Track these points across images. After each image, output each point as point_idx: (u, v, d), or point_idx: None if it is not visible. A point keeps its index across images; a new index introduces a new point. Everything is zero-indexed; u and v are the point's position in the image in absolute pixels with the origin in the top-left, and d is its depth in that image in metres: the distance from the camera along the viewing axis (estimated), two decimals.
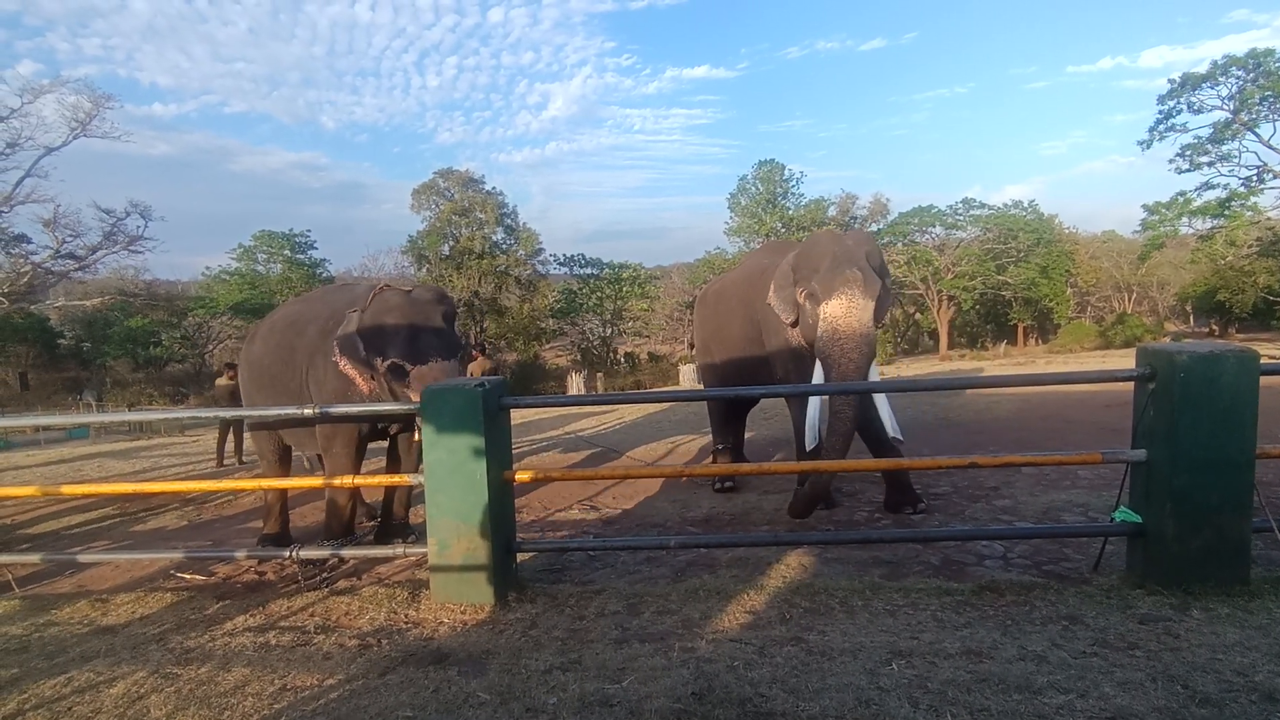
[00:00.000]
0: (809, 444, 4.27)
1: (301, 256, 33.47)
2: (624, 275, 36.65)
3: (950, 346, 33.68)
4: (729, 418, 6.08)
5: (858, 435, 4.81)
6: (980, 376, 5.01)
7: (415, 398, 3.80)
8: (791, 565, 3.59)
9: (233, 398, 8.68)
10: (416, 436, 4.39)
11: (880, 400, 4.38)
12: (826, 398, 4.31)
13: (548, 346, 38.33)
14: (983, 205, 33.43)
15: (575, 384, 25.06)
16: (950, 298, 32.86)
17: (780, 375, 4.91)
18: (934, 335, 36.20)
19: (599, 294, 36.50)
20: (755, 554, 3.77)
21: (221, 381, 9.42)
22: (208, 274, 33.39)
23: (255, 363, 4.75)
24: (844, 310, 4.24)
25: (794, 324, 4.68)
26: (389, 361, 3.99)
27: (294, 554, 3.48)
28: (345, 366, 4.11)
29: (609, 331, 37.52)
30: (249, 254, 33.04)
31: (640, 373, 33.04)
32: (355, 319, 4.13)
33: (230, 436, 9.25)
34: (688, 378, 24.59)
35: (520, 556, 3.66)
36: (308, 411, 3.39)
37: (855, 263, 4.37)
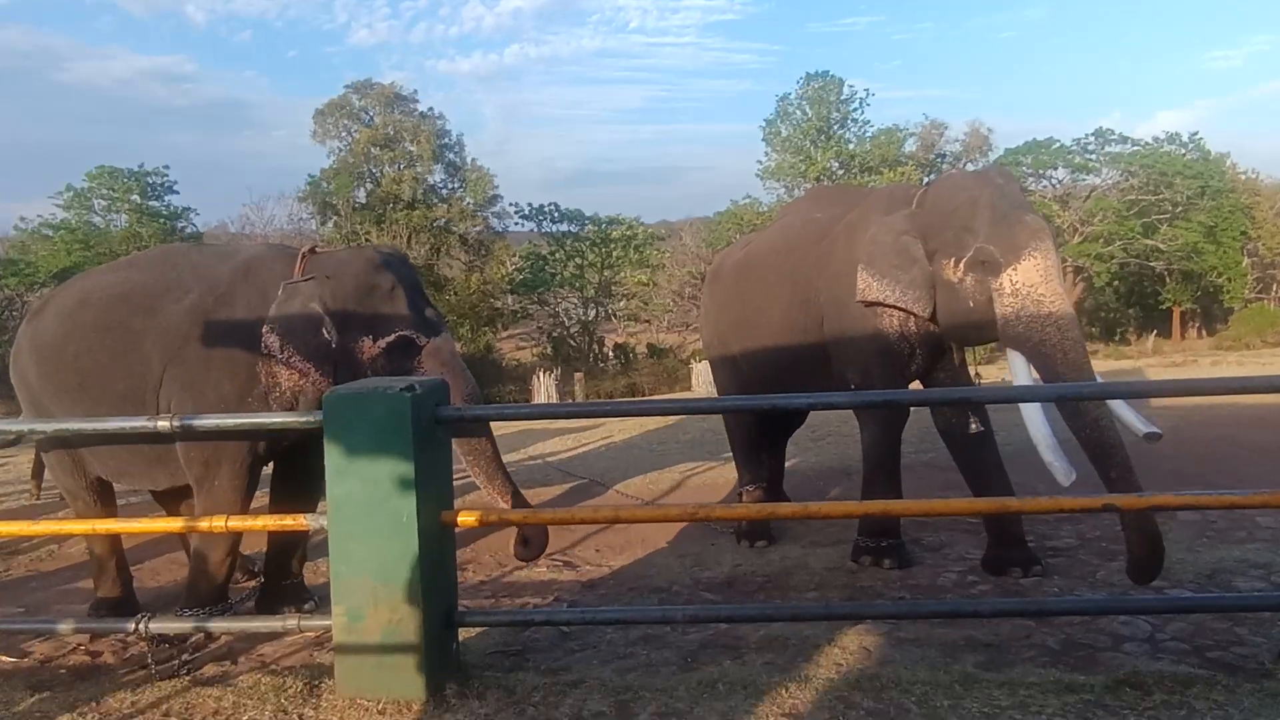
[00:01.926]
0: (1066, 475, 3.99)
1: (157, 204, 33.30)
2: (614, 235, 36.68)
3: None
4: (760, 444, 6.09)
5: (952, 462, 4.83)
6: (1118, 383, 5.02)
7: (431, 372, 4.09)
8: (849, 648, 3.59)
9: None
10: None
11: (1036, 414, 4.17)
12: (1045, 407, 4.16)
13: (505, 334, 38.36)
14: (1124, 139, 33.48)
15: (544, 388, 25.07)
16: (1078, 269, 32.91)
17: (857, 381, 4.90)
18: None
19: (578, 260, 36.52)
20: (798, 632, 3.76)
21: None
22: (23, 227, 33.24)
23: (50, 350, 4.52)
24: (1044, 272, 4.21)
25: (930, 316, 4.61)
26: (394, 336, 4.18)
27: (142, 627, 3.46)
28: (294, 360, 4.13)
29: (592, 314, 37.55)
30: (82, 199, 32.86)
31: (636, 372, 33.07)
32: (310, 290, 4.16)
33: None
34: (704, 380, 24.62)
35: (465, 632, 3.64)
36: (162, 424, 3.38)
37: (1028, 206, 4.41)
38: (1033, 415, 4.15)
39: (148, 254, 5.31)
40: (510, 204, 36.54)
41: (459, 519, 3.33)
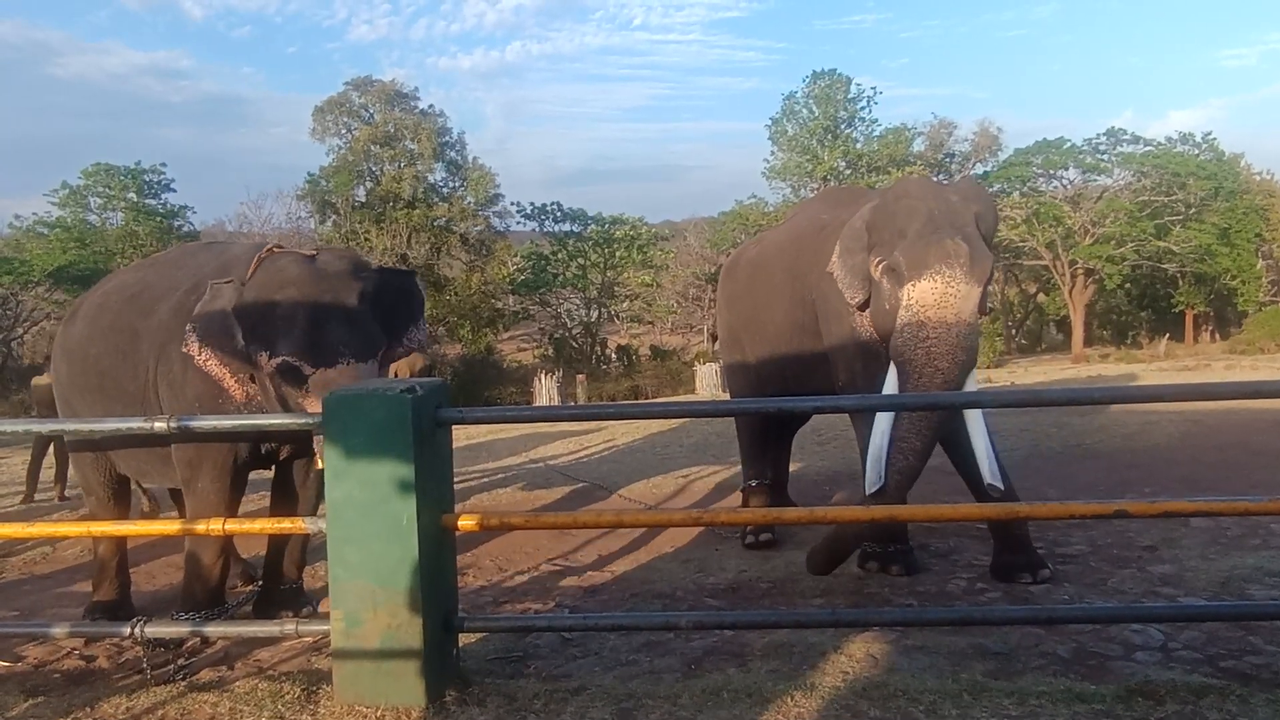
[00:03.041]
0: (871, 482, 4.29)
1: (153, 202, 33.42)
2: (618, 234, 36.73)
3: (1088, 342, 33.74)
4: (766, 441, 6.11)
5: (955, 472, 4.83)
6: (1130, 387, 5.01)
7: (315, 409, 3.78)
8: (856, 655, 3.57)
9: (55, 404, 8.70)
10: (320, 463, 4.39)
11: (976, 425, 4.38)
12: (901, 417, 4.31)
13: (506, 335, 38.41)
14: (1136, 139, 33.47)
15: (546, 390, 25.09)
16: (1088, 272, 32.92)
17: (844, 381, 4.93)
18: (1064, 325, 36.32)
19: (581, 261, 36.57)
20: (803, 639, 3.75)
21: (40, 381, 9.40)
22: (18, 225, 33.36)
23: (77, 352, 4.74)
24: (937, 296, 4.25)
25: (862, 306, 4.70)
26: (279, 359, 3.95)
27: (137, 631, 3.46)
28: (208, 361, 4.08)
29: (595, 315, 37.61)
30: (77, 197, 32.98)
31: (639, 375, 33.09)
32: (229, 292, 4.10)
33: (52, 459, 9.26)
34: (708, 382, 24.61)
35: (465, 638, 3.63)
36: (159, 425, 3.38)
37: (960, 228, 4.37)
38: (880, 423, 4.30)
39: (167, 253, 5.42)
40: (512, 203, 36.67)
41: (459, 523, 3.33)
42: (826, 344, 5.05)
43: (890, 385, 4.42)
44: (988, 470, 4.29)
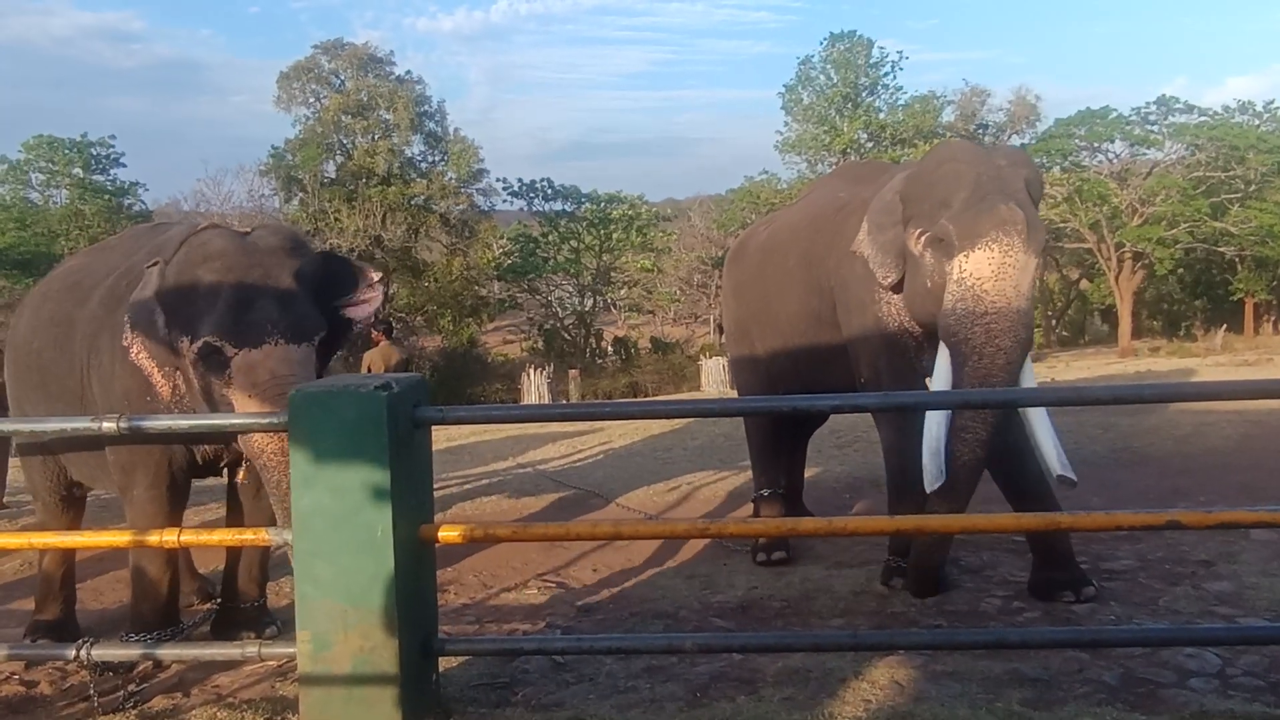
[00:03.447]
0: (933, 478, 4.23)
1: (101, 178, 33.49)
2: (614, 214, 36.73)
3: (1137, 334, 33.77)
4: (778, 444, 6.11)
5: (988, 476, 4.83)
6: (1184, 384, 5.01)
7: (239, 403, 3.77)
8: (879, 683, 3.57)
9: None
10: (242, 476, 4.39)
11: (1040, 418, 4.32)
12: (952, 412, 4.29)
13: (491, 326, 38.46)
14: (1190, 108, 33.46)
15: (535, 387, 25.10)
16: (1137, 255, 32.92)
17: (867, 376, 4.93)
18: (1110, 315, 36.35)
19: (574, 243, 36.59)
20: (821, 664, 3.75)
21: None
22: None
23: (22, 347, 4.78)
24: (994, 267, 4.21)
25: (896, 288, 4.69)
26: (199, 342, 3.85)
27: (83, 654, 3.45)
28: (138, 353, 4.05)
29: (589, 304, 37.63)
30: (17, 173, 33.06)
31: (639, 370, 33.19)
32: (155, 275, 4.04)
33: None
34: (714, 379, 24.63)
35: (446, 662, 3.64)
36: (108, 426, 3.38)
37: (1012, 194, 4.35)
38: (936, 414, 4.28)
39: (119, 236, 5.44)
40: (497, 179, 36.67)
41: (440, 534, 3.32)
42: (846, 335, 5.04)
43: (943, 371, 4.37)
44: (1057, 461, 4.21)
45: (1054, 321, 39.65)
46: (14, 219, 31.32)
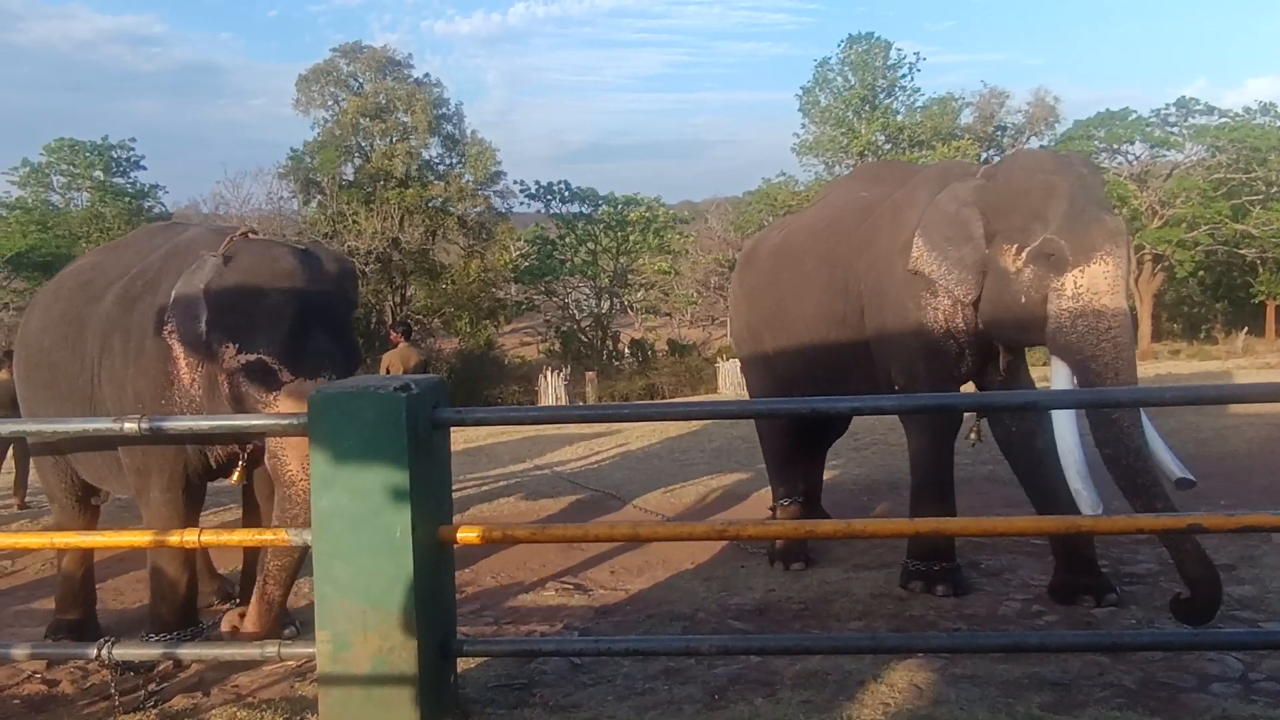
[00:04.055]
0: (1093, 506, 4.04)
1: (122, 180, 33.68)
2: (631, 216, 36.73)
3: (1157, 336, 33.52)
4: (795, 452, 6.08)
5: (1009, 481, 4.82)
6: (1204, 386, 4.98)
7: (280, 408, 3.79)
8: (898, 685, 3.57)
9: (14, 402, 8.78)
10: (236, 478, 4.38)
11: (1148, 425, 4.22)
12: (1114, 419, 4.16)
13: (509, 329, 38.48)
14: (1210, 110, 33.25)
15: (552, 388, 25.15)
16: (1157, 258, 32.74)
17: (903, 382, 4.90)
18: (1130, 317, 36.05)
19: (591, 245, 36.60)
20: (839, 667, 3.75)
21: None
22: None
23: (33, 345, 4.77)
24: (1109, 281, 4.22)
25: (974, 302, 4.64)
26: (253, 357, 3.89)
27: (104, 653, 3.48)
28: (171, 338, 4.09)
29: (606, 306, 37.62)
30: (39, 176, 33.26)
31: (656, 372, 33.13)
32: (211, 267, 4.07)
33: (12, 464, 9.32)
34: (731, 381, 24.58)
35: (464, 663, 3.65)
36: (130, 426, 3.40)
37: (1103, 203, 4.41)
38: (1066, 434, 4.20)
39: (130, 236, 5.47)
40: (515, 181, 36.66)
41: (459, 535, 3.34)
42: (878, 340, 5.01)
43: (1064, 387, 4.35)
44: (1174, 464, 4.14)
45: None
46: (35, 221, 31.54)
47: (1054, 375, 4.39)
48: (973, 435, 4.91)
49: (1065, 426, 4.23)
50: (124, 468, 4.34)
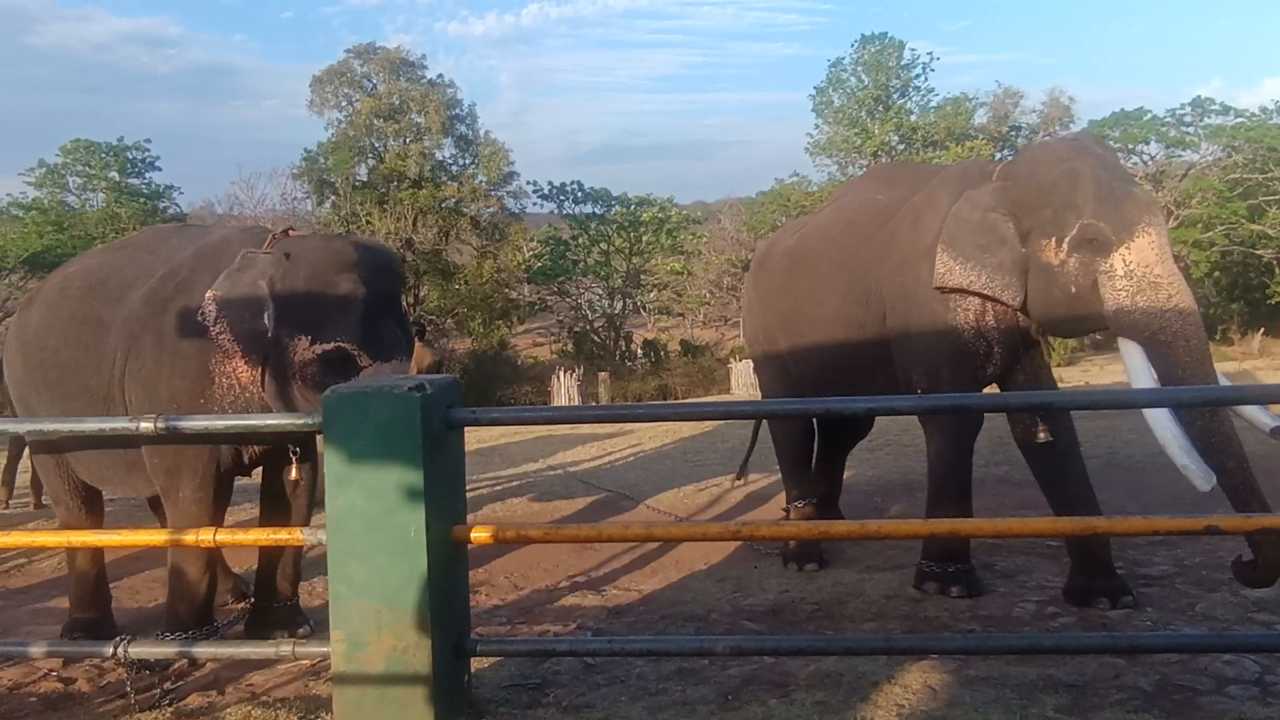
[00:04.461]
0: (1204, 482, 3.97)
1: (137, 181, 33.80)
2: (644, 217, 36.71)
3: None
4: (809, 454, 6.08)
5: (1026, 482, 4.80)
6: (1221, 388, 4.95)
7: None
8: (913, 687, 3.56)
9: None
10: (294, 473, 4.45)
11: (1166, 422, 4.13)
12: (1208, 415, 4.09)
13: (522, 329, 38.51)
14: (1226, 110, 33.02)
15: (565, 389, 25.17)
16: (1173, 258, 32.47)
17: (926, 384, 4.87)
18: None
19: (604, 246, 36.58)
20: (853, 668, 3.74)
21: None
22: None
23: (34, 344, 4.72)
24: (1157, 250, 4.19)
25: (1020, 306, 4.59)
26: (331, 345, 4.04)
27: (120, 651, 3.50)
28: (222, 338, 4.14)
29: (619, 306, 37.61)
30: (55, 176, 33.41)
31: (669, 373, 33.09)
32: (265, 264, 4.15)
33: (28, 462, 9.38)
34: (744, 381, 24.56)
35: (478, 663, 3.66)
36: (145, 426, 3.41)
37: (1131, 178, 4.43)
38: (1158, 413, 4.08)
39: (136, 236, 5.47)
40: (528, 182, 36.64)
41: (472, 535, 3.34)
42: (901, 344, 4.99)
43: (1140, 368, 4.25)
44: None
45: None
46: (51, 222, 31.67)
47: (1126, 358, 4.30)
48: (1042, 433, 4.76)
49: (1162, 413, 4.10)
50: (151, 467, 4.34)
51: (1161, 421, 4.07)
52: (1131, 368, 4.29)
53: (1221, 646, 3.69)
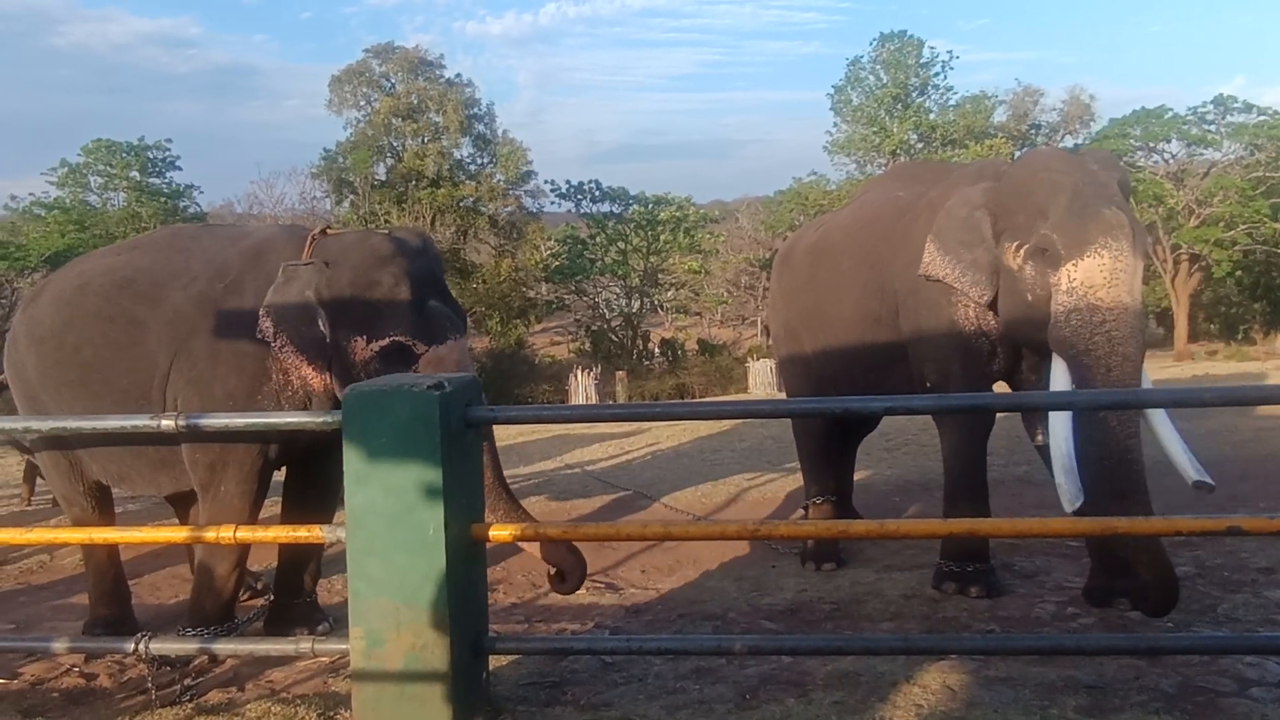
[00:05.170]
0: (1073, 498, 4.12)
1: (158, 180, 34.05)
2: (662, 216, 36.73)
3: (1193, 337, 33.16)
4: (829, 450, 6.07)
5: (1044, 482, 4.78)
6: (1244, 387, 4.93)
7: None
8: (931, 687, 3.55)
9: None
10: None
11: (1166, 425, 4.23)
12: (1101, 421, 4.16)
13: (539, 327, 38.61)
14: (1248, 107, 32.77)
15: (582, 388, 25.20)
16: (1194, 257, 32.36)
17: (935, 381, 4.88)
18: (1165, 318, 35.68)
19: (621, 245, 36.62)
20: (871, 668, 3.73)
21: None
22: (13, 207, 34.15)
23: (50, 341, 4.64)
24: (1106, 274, 4.16)
25: (990, 303, 4.62)
26: (386, 340, 4.16)
27: (142, 647, 3.52)
28: (284, 351, 4.22)
29: (636, 305, 37.64)
30: (77, 176, 33.69)
31: (686, 372, 33.13)
32: (309, 275, 4.22)
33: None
34: (761, 380, 24.55)
35: (495, 660, 3.67)
36: (166, 423, 3.42)
37: (1111, 198, 4.32)
38: (1058, 426, 4.17)
39: (152, 236, 5.43)
40: (545, 181, 36.82)
41: (491, 534, 3.35)
42: (913, 339, 5.00)
43: (1060, 383, 4.30)
44: (1191, 468, 4.13)
45: None
46: (73, 221, 31.92)
47: (1051, 371, 4.34)
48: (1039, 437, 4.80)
49: (1059, 420, 4.20)
50: (192, 462, 4.35)
51: (1059, 438, 4.14)
52: (1053, 380, 4.33)
53: (1244, 648, 3.66)
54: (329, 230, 4.51)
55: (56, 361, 4.62)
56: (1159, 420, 4.21)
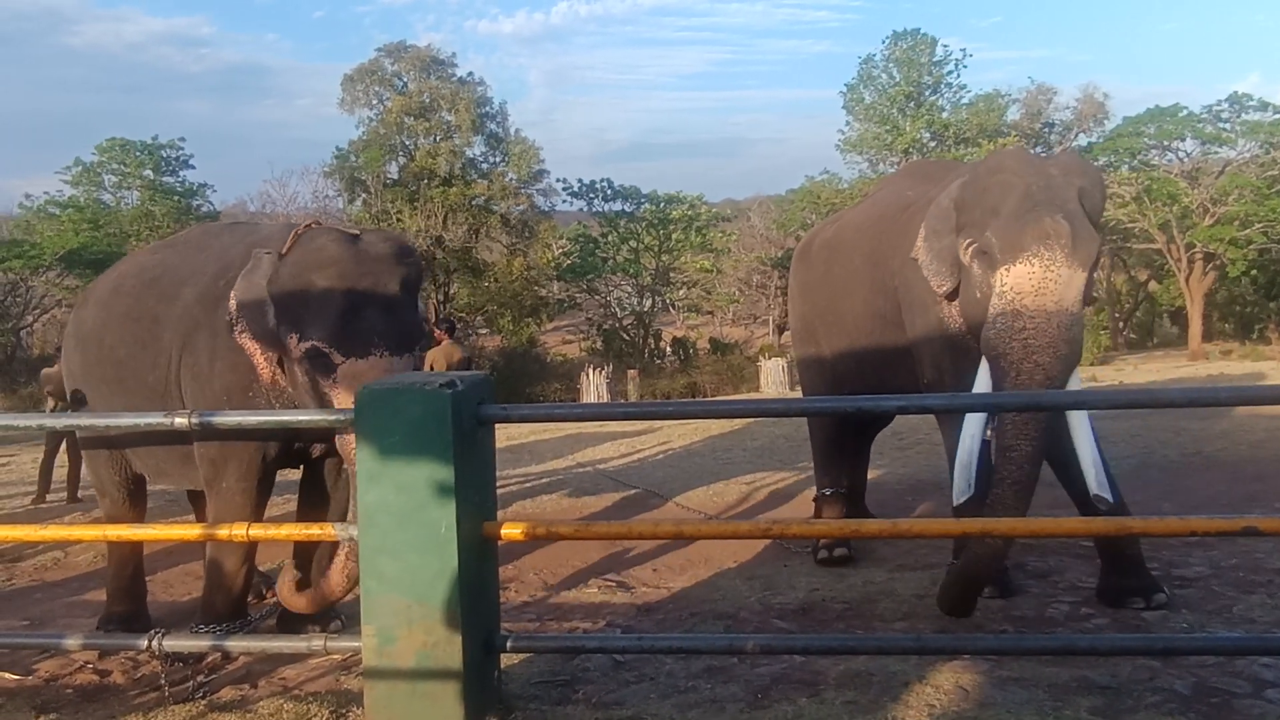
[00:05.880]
0: (960, 491, 4.24)
1: (171, 179, 34.24)
2: (674, 215, 36.76)
3: (1208, 336, 33.02)
4: (842, 444, 6.08)
5: (1056, 482, 4.76)
6: (1259, 387, 4.91)
7: (342, 402, 3.85)
8: (944, 687, 3.54)
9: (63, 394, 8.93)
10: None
11: (1081, 429, 4.27)
12: (994, 420, 4.25)
13: (551, 326, 38.69)
14: (1263, 105, 32.61)
15: (594, 386, 25.20)
16: (1208, 256, 32.22)
17: (930, 378, 4.89)
18: (1179, 317, 35.61)
19: (633, 244, 36.66)
20: (883, 667, 3.72)
21: (51, 371, 9.68)
22: (27, 206, 34.40)
23: (91, 341, 4.85)
24: (1034, 282, 4.16)
25: (950, 296, 4.65)
26: (308, 344, 3.99)
27: (155, 644, 3.53)
28: (243, 338, 4.19)
29: (648, 304, 37.67)
30: (91, 175, 33.88)
31: (697, 370, 33.09)
32: (267, 264, 4.17)
33: (64, 457, 9.50)
34: (773, 379, 24.53)
35: (507, 659, 3.67)
36: (180, 421, 3.44)
37: (1060, 205, 4.28)
38: (970, 423, 4.22)
39: (186, 234, 5.54)
40: (557, 180, 36.82)
41: (503, 532, 3.35)
42: (910, 336, 5.01)
43: (982, 384, 4.34)
44: (1094, 480, 4.18)
45: (1121, 324, 38.88)
46: (87, 219, 32.17)
47: (979, 371, 4.37)
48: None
49: (972, 419, 4.27)
50: (198, 457, 4.40)
51: (967, 435, 4.21)
52: (977, 384, 4.36)
53: (1259, 649, 3.63)
54: (315, 224, 4.43)
55: (98, 360, 4.79)
56: (1078, 425, 4.23)
